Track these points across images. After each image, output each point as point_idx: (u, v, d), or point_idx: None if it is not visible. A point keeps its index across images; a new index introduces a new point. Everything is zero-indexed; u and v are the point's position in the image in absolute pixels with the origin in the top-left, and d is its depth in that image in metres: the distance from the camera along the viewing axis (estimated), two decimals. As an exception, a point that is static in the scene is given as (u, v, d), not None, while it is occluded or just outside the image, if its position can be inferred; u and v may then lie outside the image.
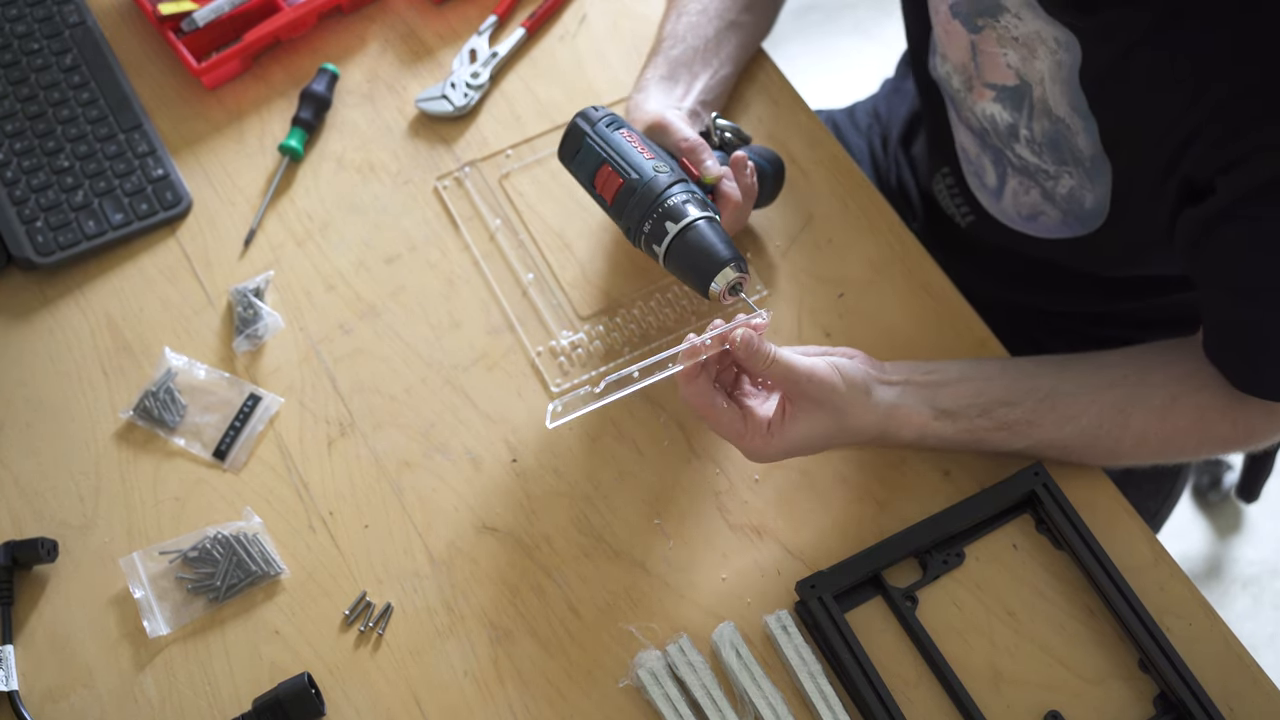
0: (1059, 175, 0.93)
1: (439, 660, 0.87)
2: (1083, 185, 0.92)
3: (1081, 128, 0.88)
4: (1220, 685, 0.84)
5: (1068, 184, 0.93)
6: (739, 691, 0.84)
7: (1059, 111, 0.88)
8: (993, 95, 0.93)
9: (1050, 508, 0.89)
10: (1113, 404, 0.88)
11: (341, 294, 1.01)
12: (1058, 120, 0.89)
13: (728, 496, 0.92)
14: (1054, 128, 0.90)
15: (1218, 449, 0.93)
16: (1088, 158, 0.89)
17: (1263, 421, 0.90)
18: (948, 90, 1.00)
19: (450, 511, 0.92)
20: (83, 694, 0.86)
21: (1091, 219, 0.94)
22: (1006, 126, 0.94)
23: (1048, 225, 0.99)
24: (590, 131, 0.89)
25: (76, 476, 0.93)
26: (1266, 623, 1.75)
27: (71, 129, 1.06)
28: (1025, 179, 0.97)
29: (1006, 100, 0.92)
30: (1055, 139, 0.90)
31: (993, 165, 1.00)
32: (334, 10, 1.12)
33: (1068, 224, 0.97)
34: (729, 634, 0.85)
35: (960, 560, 0.89)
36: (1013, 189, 0.99)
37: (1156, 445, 0.89)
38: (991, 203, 1.02)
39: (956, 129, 1.02)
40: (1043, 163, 0.93)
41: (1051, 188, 0.95)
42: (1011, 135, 0.94)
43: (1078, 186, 0.92)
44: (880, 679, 0.83)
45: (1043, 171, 0.94)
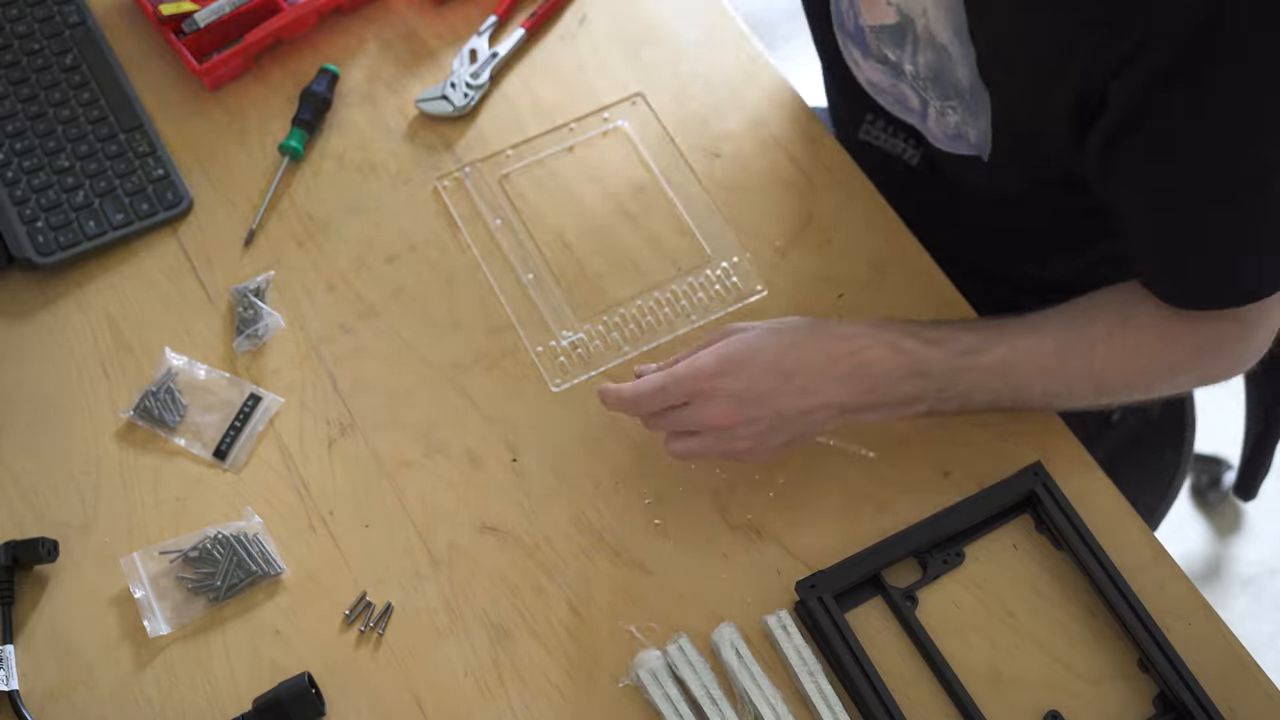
0: (944, 111, 0.92)
1: (439, 660, 0.87)
2: (965, 120, 0.91)
3: (960, 55, 0.86)
4: (1220, 685, 0.84)
5: (953, 119, 0.92)
6: (739, 691, 0.84)
7: (941, 38, 0.87)
8: (875, 36, 0.92)
9: (1050, 508, 0.89)
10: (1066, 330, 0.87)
11: (342, 294, 1.01)
12: (940, 49, 0.87)
13: (728, 496, 0.92)
14: (937, 58, 0.88)
15: (1192, 366, 0.90)
16: (967, 89, 0.88)
17: (1219, 333, 0.87)
18: (848, 24, 0.97)
19: (450, 511, 0.92)
20: (83, 693, 0.86)
21: (974, 150, 0.93)
22: (891, 66, 0.93)
23: (968, 144, 0.97)
24: None
25: (77, 476, 0.93)
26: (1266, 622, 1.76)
27: (72, 129, 1.06)
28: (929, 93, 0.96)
29: (886, 39, 0.91)
30: (938, 70, 0.89)
31: (910, 90, 0.97)
32: (334, 10, 1.12)
33: (978, 145, 0.95)
34: (729, 634, 0.85)
35: (960, 560, 0.89)
36: (934, 109, 0.97)
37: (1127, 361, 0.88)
38: (921, 124, 1.00)
39: (861, 67, 0.99)
40: (928, 96, 0.92)
41: (944, 120, 0.94)
42: (897, 74, 0.93)
43: (961, 121, 0.91)
44: (880, 679, 0.83)
45: (932, 106, 0.93)
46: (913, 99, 0.98)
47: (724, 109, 1.09)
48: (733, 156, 1.06)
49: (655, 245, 1.02)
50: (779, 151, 1.06)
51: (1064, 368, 0.88)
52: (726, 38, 1.12)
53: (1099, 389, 0.90)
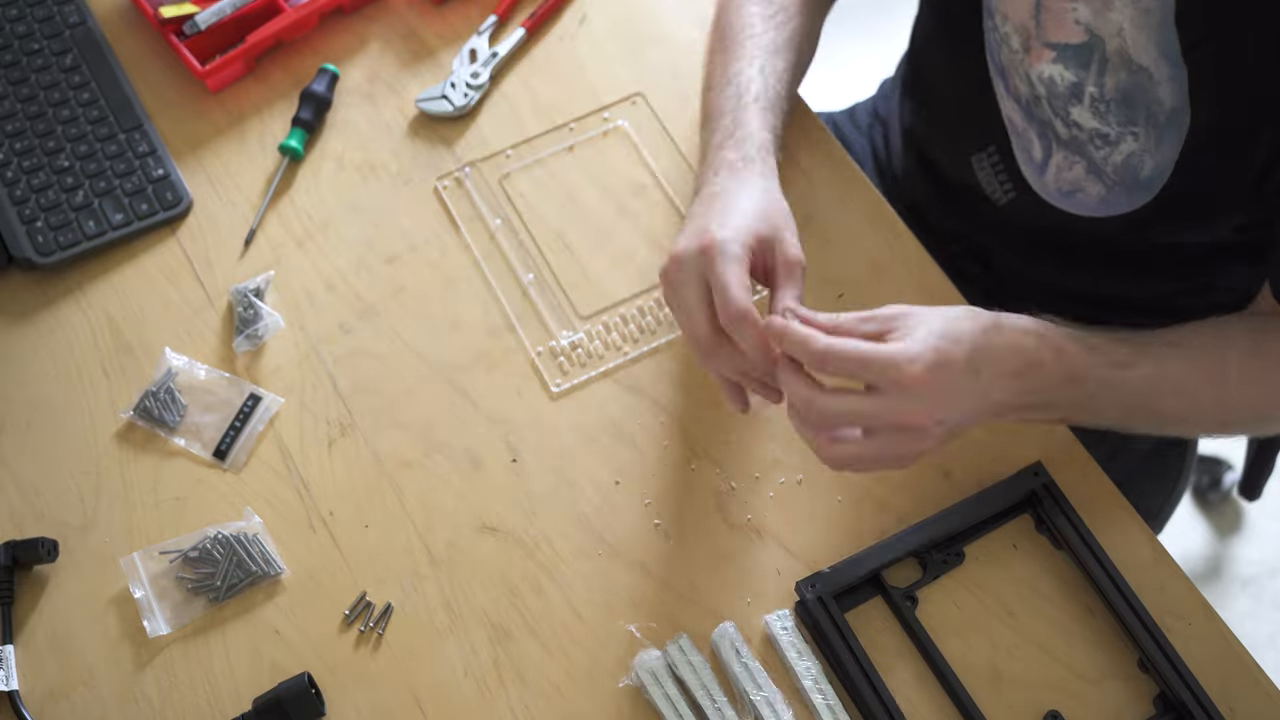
0: (1120, 139, 0.91)
1: (439, 660, 0.87)
2: (1145, 148, 0.90)
3: (1167, 76, 0.85)
4: (1220, 685, 0.84)
5: (1127, 149, 0.91)
6: (739, 691, 0.84)
7: (1142, 60, 0.85)
8: (1053, 56, 0.91)
9: (1050, 508, 0.89)
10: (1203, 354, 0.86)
11: (341, 294, 1.01)
12: (1138, 70, 0.86)
13: (728, 496, 0.92)
14: (1131, 80, 0.87)
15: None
16: (1166, 111, 0.87)
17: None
18: (999, 59, 0.97)
19: (450, 511, 0.92)
20: (83, 693, 0.86)
21: (1142, 190, 0.92)
22: (1068, 87, 0.91)
23: (1085, 202, 0.97)
24: None
25: (77, 476, 0.93)
26: (1266, 622, 1.76)
27: (72, 129, 1.06)
28: (1070, 153, 0.95)
29: (1069, 59, 0.90)
30: (1130, 93, 0.88)
31: (1038, 138, 0.98)
32: (335, 11, 1.12)
33: (1107, 201, 0.95)
34: (729, 634, 0.85)
35: (960, 560, 0.89)
36: (1056, 164, 0.97)
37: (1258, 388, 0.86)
38: (1035, 177, 1.00)
39: (1004, 101, 0.99)
40: (1104, 125, 0.91)
41: (1104, 157, 0.93)
42: (1073, 96, 0.91)
43: (1139, 150, 0.90)
44: (880, 679, 0.83)
45: (1100, 136, 0.92)
46: (1037, 149, 0.98)
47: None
48: (733, 156, 1.06)
49: (655, 245, 1.02)
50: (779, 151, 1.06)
51: (1199, 392, 0.86)
52: (726, 38, 1.12)
53: (1225, 418, 0.89)
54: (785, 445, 0.94)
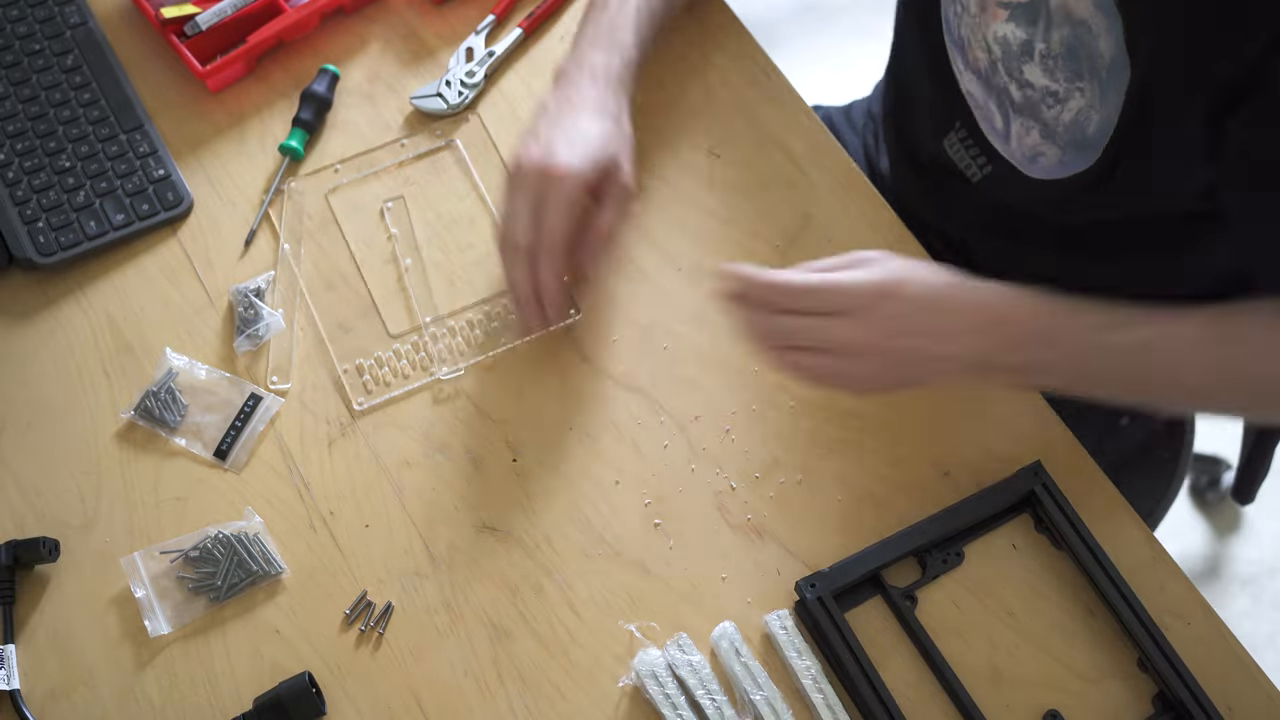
0: (1068, 95, 0.91)
1: (439, 659, 0.87)
2: (1091, 104, 0.90)
3: (1105, 27, 0.85)
4: (1219, 685, 0.84)
5: (1075, 105, 0.91)
6: (739, 691, 0.84)
7: (1081, 13, 0.86)
8: (1006, 15, 0.91)
9: (1049, 507, 0.89)
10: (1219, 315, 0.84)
11: (342, 293, 1.01)
12: (1078, 24, 0.87)
13: (728, 496, 0.92)
14: (1073, 33, 0.87)
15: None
16: (1107, 63, 0.87)
17: None
18: (956, 33, 0.98)
19: (450, 511, 0.92)
20: (84, 693, 0.86)
21: (1092, 147, 0.92)
22: (1020, 45, 0.91)
23: (1046, 166, 0.97)
24: None
25: (78, 476, 0.94)
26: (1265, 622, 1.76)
27: (73, 129, 1.06)
28: (1025, 118, 0.95)
29: (1020, 17, 0.90)
30: (1073, 46, 0.88)
31: (997, 108, 0.98)
32: (336, 11, 1.12)
33: (1065, 162, 0.95)
34: (729, 633, 0.86)
35: (960, 560, 0.89)
36: (1015, 131, 0.97)
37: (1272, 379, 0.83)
38: (1002, 145, 1.00)
39: (962, 77, 1.00)
40: (1054, 81, 0.91)
41: (1055, 117, 0.93)
42: (1025, 53, 0.92)
43: (1085, 106, 0.90)
44: (880, 679, 0.83)
45: (1051, 95, 0.92)
46: (998, 118, 0.98)
47: (724, 109, 1.09)
48: (733, 156, 1.06)
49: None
50: (779, 151, 1.07)
51: (1219, 358, 0.83)
52: (727, 38, 1.12)
53: (1258, 390, 0.85)
54: (785, 445, 0.94)
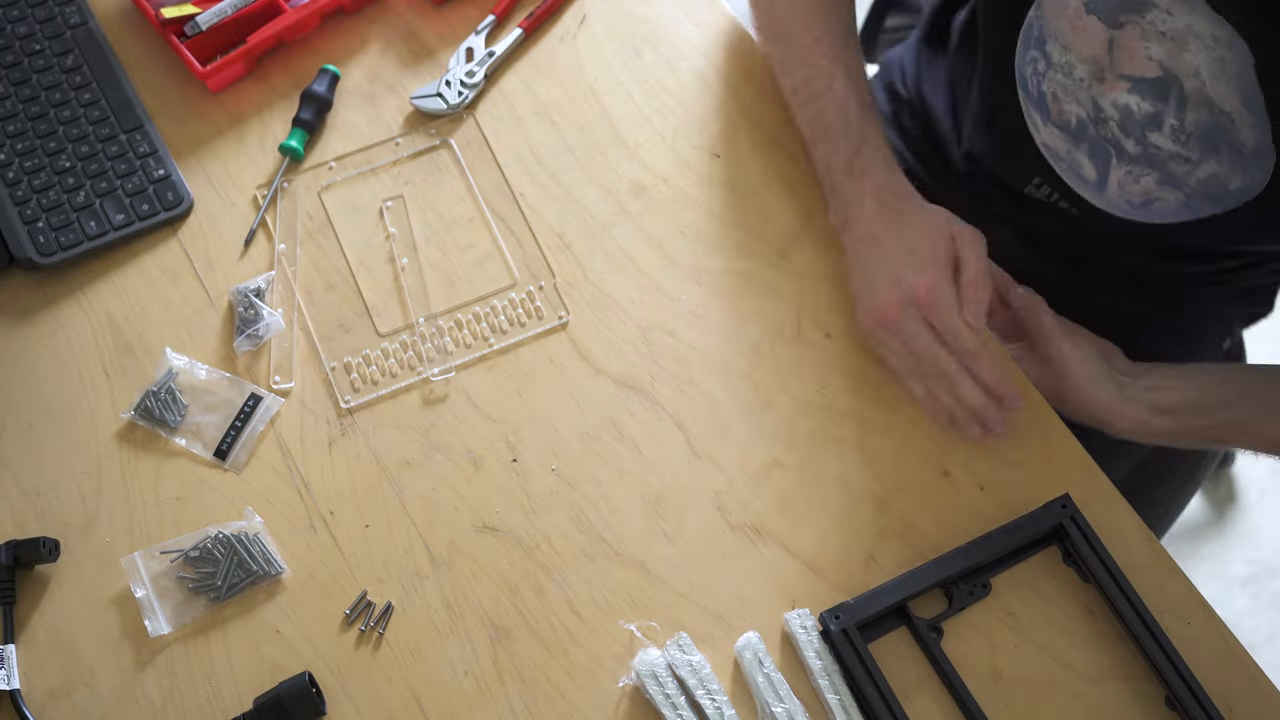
0: (1202, 161, 0.92)
1: (439, 659, 0.87)
2: (1231, 171, 0.91)
3: (1250, 123, 0.87)
4: (1219, 685, 0.84)
5: (1208, 170, 0.92)
6: (759, 703, 0.83)
7: (1225, 107, 0.87)
8: (1127, 86, 0.92)
9: (1077, 540, 0.88)
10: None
11: (342, 293, 1.01)
12: (1220, 114, 0.88)
13: (728, 496, 0.92)
14: (1213, 120, 0.89)
15: None
16: (1249, 150, 0.88)
17: None
18: (1043, 85, 0.98)
19: (450, 511, 0.92)
20: (84, 693, 0.86)
21: (1231, 199, 0.93)
22: (1145, 116, 0.92)
23: (1163, 210, 0.97)
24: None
25: (78, 476, 0.94)
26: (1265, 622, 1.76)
27: (73, 129, 1.06)
28: (1138, 166, 0.96)
29: (1145, 91, 0.91)
30: (1211, 130, 0.89)
31: (1089, 159, 0.98)
32: (336, 11, 1.12)
33: (1191, 206, 0.96)
34: (753, 643, 0.85)
35: (986, 591, 0.88)
36: (1118, 179, 0.98)
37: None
38: (1095, 196, 1.01)
39: (1039, 131, 1.01)
40: (1185, 150, 0.92)
41: (1185, 173, 0.93)
42: (1153, 124, 0.92)
43: (1223, 173, 0.91)
44: (903, 712, 0.82)
45: (1178, 158, 0.93)
46: (1088, 170, 0.99)
47: (724, 109, 1.09)
48: (733, 156, 1.06)
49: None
50: (779, 151, 1.07)
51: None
52: (726, 38, 1.12)
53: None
54: (785, 445, 0.94)
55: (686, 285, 1.01)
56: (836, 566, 0.90)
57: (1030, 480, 0.92)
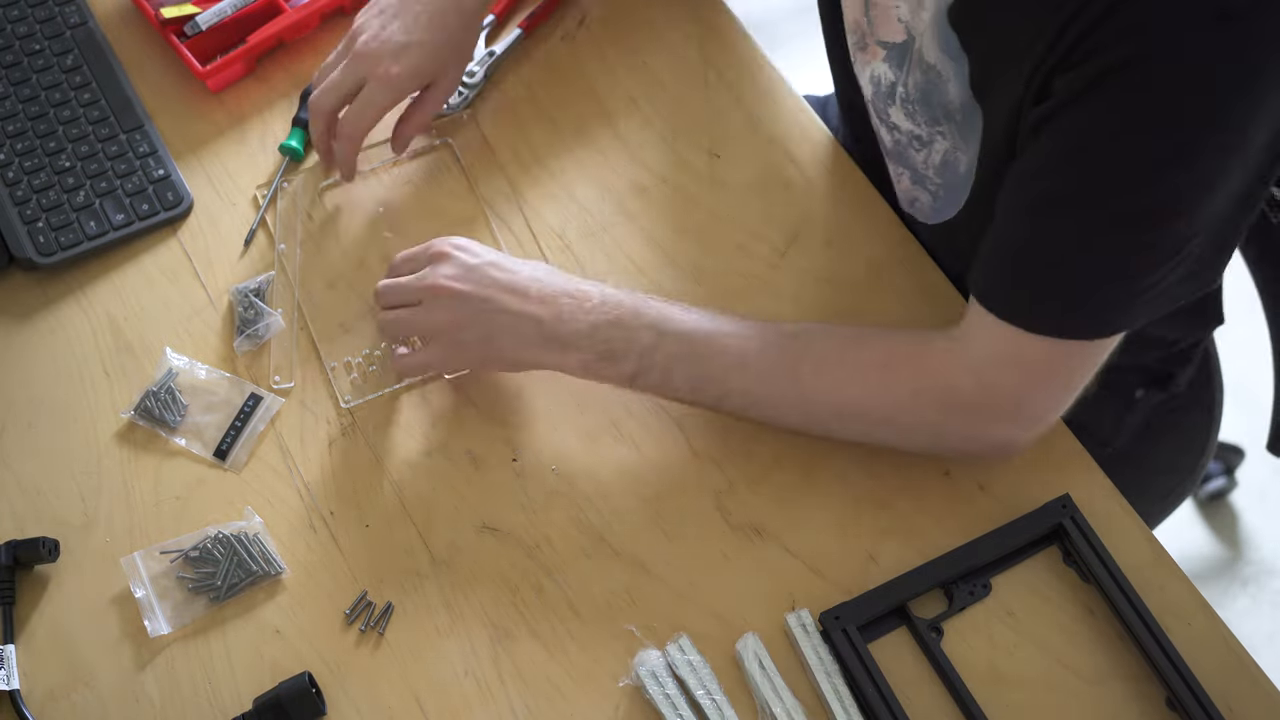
0: (932, 138, 0.90)
1: (439, 659, 0.87)
2: (956, 145, 0.89)
3: (953, 72, 0.84)
4: (1220, 685, 0.84)
5: (941, 147, 0.90)
6: (759, 703, 0.83)
7: (930, 58, 0.85)
8: (883, 54, 0.90)
9: (1077, 540, 0.88)
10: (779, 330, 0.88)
11: (342, 293, 1.01)
12: (929, 69, 0.86)
13: (728, 496, 0.92)
14: (925, 79, 0.86)
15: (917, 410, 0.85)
16: (959, 108, 0.86)
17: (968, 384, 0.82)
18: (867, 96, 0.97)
19: (450, 511, 0.92)
20: (84, 693, 0.86)
21: (961, 189, 0.91)
22: (888, 86, 0.91)
23: (924, 210, 0.97)
24: None
25: (78, 476, 0.94)
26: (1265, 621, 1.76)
27: (73, 129, 1.06)
28: (896, 164, 0.95)
29: (893, 58, 0.90)
30: (927, 91, 0.87)
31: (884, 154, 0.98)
32: (336, 11, 1.12)
33: (937, 209, 0.95)
34: (752, 644, 0.85)
35: (987, 592, 0.88)
36: (893, 175, 0.97)
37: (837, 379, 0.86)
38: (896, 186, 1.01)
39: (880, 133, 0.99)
40: (916, 125, 0.90)
41: (924, 160, 0.92)
42: (890, 96, 0.91)
43: (951, 148, 0.89)
44: (903, 712, 0.82)
45: (915, 139, 0.91)
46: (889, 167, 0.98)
47: (724, 109, 1.09)
48: (733, 156, 1.06)
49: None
50: (779, 151, 1.07)
51: (763, 365, 0.87)
52: (726, 38, 1.12)
53: (805, 408, 0.88)
54: (785, 445, 0.94)
55: (686, 285, 1.01)
56: (836, 566, 0.90)
57: (1030, 480, 0.92)
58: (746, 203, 1.04)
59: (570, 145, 1.07)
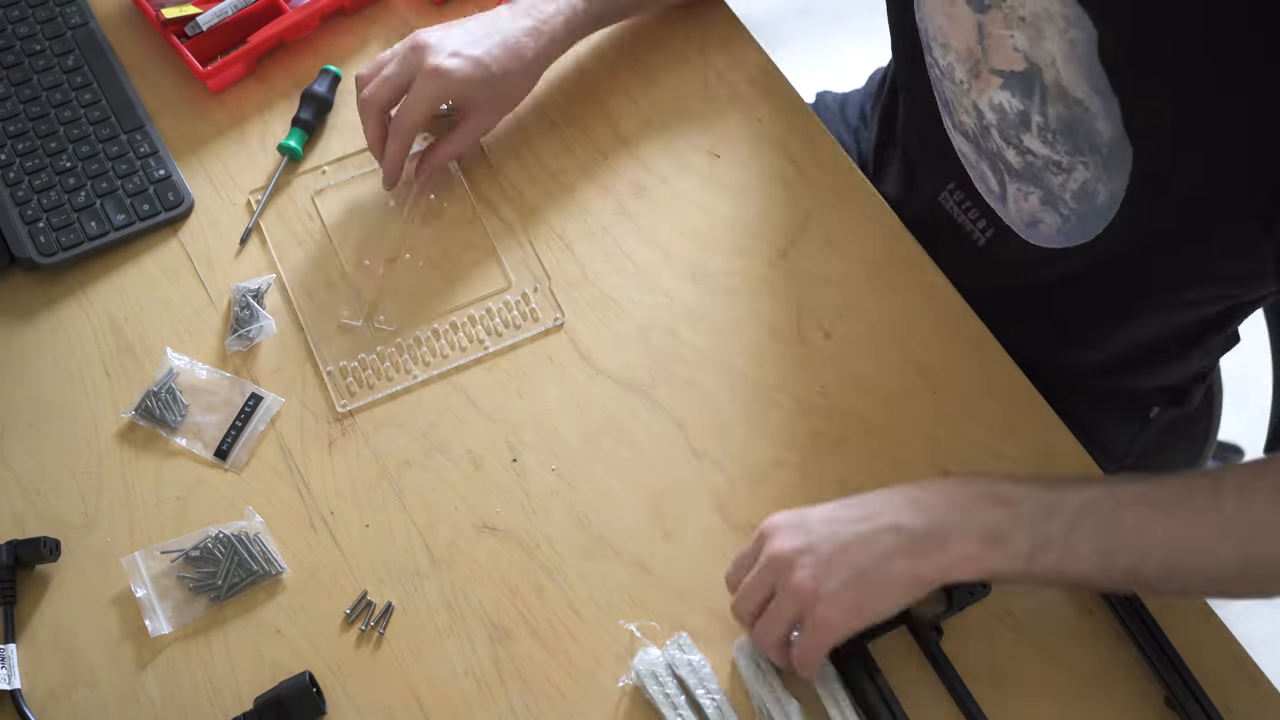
0: (1073, 166, 0.90)
1: (439, 659, 0.87)
2: (1098, 177, 0.89)
3: (1101, 109, 0.84)
4: (1219, 684, 0.84)
5: (1081, 176, 0.90)
6: (756, 702, 0.83)
7: (1076, 93, 0.85)
8: (1000, 82, 0.91)
9: None
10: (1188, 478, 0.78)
11: (342, 293, 1.01)
12: (1074, 103, 0.86)
13: (728, 496, 0.92)
14: (1069, 112, 0.87)
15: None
16: (1106, 142, 0.86)
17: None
18: (944, 91, 0.98)
19: (450, 511, 0.92)
20: (85, 693, 0.87)
21: (1098, 219, 0.92)
22: (1017, 114, 0.91)
23: (1046, 233, 0.97)
24: None
25: (79, 476, 0.94)
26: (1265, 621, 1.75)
27: (74, 130, 1.06)
28: (1025, 183, 0.95)
29: (1015, 86, 0.89)
30: (1071, 124, 0.87)
31: (991, 171, 0.98)
32: (336, 12, 1.13)
33: (1065, 232, 0.95)
34: (747, 645, 0.85)
35: (987, 591, 0.87)
36: (1013, 194, 0.97)
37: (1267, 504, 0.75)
38: (1000, 208, 1.01)
39: (953, 136, 1.01)
40: (1055, 153, 0.90)
41: (1060, 184, 0.92)
42: (1023, 124, 0.91)
43: (1093, 179, 0.90)
44: (903, 712, 0.82)
45: (1054, 164, 0.91)
46: (992, 180, 0.98)
47: (724, 109, 1.09)
48: (733, 156, 1.07)
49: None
50: (779, 151, 1.07)
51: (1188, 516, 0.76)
52: (727, 38, 1.12)
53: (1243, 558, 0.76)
54: (785, 445, 0.94)
55: (686, 285, 1.01)
56: (836, 566, 0.90)
57: (1030, 480, 0.92)
58: (746, 203, 1.04)
59: (570, 145, 1.07)
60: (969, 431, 0.94)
